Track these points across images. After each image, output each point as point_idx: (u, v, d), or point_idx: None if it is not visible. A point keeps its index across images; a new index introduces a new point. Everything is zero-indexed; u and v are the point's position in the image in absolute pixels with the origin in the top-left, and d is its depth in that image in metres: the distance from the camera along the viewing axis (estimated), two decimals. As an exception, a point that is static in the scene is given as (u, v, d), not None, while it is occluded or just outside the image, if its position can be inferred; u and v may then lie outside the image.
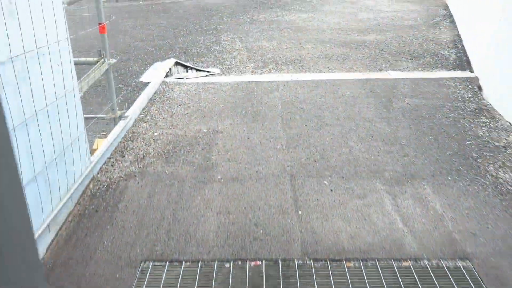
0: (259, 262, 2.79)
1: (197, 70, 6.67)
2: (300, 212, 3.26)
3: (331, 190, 3.51)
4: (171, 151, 4.14)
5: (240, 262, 2.79)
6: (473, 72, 6.27)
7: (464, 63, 6.82)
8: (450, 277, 2.69)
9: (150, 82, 6.12)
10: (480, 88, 5.60)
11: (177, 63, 6.80)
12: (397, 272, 2.73)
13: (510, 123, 4.64)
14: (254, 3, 12.48)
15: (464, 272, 2.73)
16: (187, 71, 6.64)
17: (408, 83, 5.90)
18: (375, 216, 3.22)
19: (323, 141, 4.30)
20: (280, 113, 4.96)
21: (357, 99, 5.35)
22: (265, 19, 10.48)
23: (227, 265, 2.79)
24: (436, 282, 2.65)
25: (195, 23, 10.36)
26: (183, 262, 2.80)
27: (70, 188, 3.25)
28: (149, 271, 2.75)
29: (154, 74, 6.43)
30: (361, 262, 2.79)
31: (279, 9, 11.48)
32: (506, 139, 4.31)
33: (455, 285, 2.64)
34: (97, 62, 4.09)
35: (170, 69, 6.61)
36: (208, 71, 6.63)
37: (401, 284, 2.65)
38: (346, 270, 2.74)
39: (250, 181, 3.66)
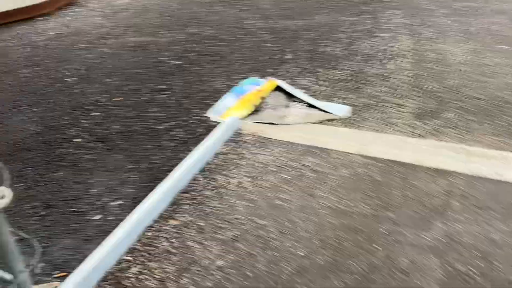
0: None
1: (309, 105, 3.81)
2: None
3: None
4: None
5: None
6: None
7: None
8: None
9: (219, 123, 3.58)
10: None
11: (278, 88, 4.03)
12: None
13: None
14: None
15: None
16: (289, 105, 3.85)
17: None
18: None
19: None
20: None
21: None
22: (466, -13, 6.53)
23: None
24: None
25: (351, -13, 7.05)
26: None
27: None
28: None
29: (232, 107, 3.83)
30: None
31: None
32: None
33: None
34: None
35: (262, 98, 3.90)
36: (326, 111, 3.72)
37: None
38: None
39: None
